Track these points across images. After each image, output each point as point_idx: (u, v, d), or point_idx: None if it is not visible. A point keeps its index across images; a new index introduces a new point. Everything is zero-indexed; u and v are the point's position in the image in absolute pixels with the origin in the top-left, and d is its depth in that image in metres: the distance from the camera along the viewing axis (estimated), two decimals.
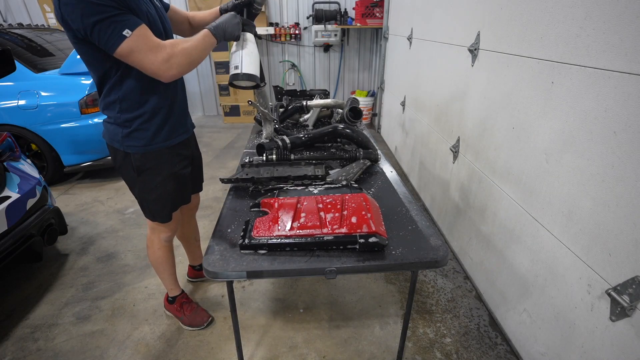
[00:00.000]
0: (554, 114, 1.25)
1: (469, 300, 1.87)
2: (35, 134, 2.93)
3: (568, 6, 1.17)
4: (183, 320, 1.72)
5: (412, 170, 3.10)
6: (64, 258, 2.25)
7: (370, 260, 1.06)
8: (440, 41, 2.35)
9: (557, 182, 1.25)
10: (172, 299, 1.74)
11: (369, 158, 1.72)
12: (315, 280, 2.00)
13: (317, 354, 1.58)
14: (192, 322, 1.71)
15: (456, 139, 2.10)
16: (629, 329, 0.98)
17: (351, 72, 5.35)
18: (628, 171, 0.97)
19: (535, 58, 1.35)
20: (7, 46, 3.00)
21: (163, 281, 1.70)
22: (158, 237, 1.53)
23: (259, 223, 1.15)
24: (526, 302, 1.45)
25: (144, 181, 1.34)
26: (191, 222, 1.85)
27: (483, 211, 1.79)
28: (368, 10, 4.46)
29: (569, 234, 1.20)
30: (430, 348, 1.60)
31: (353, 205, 1.18)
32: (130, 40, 1.01)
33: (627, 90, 0.96)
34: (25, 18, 5.10)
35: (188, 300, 1.76)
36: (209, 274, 1.04)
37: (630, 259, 0.97)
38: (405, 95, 3.31)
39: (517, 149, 1.49)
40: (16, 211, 1.77)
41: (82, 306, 1.87)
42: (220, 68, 4.76)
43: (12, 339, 1.67)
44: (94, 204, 2.94)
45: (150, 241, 1.56)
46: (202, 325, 1.70)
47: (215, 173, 3.45)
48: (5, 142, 2.03)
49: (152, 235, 1.54)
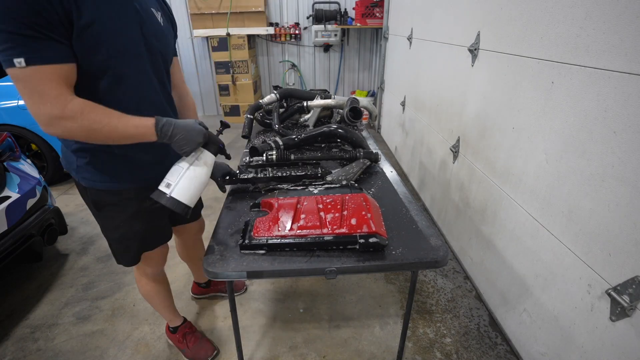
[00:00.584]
0: (554, 114, 1.25)
1: (469, 300, 1.87)
2: (35, 134, 2.93)
3: (568, 6, 1.17)
4: (185, 353, 1.55)
5: (412, 170, 3.10)
6: (64, 258, 2.25)
7: (370, 260, 1.06)
8: (440, 41, 2.35)
9: (557, 182, 1.25)
10: (173, 329, 1.58)
11: (369, 158, 1.72)
12: (315, 280, 2.00)
13: (317, 354, 1.58)
14: (195, 356, 1.53)
15: (456, 139, 2.10)
16: (629, 329, 0.98)
17: (351, 72, 5.35)
18: (628, 171, 0.97)
19: (535, 58, 1.35)
20: None
21: (160, 313, 1.54)
22: (144, 273, 1.36)
23: (259, 223, 1.15)
24: (526, 302, 1.45)
25: (104, 218, 1.14)
26: (196, 245, 1.68)
27: (483, 211, 1.79)
28: (368, 10, 4.46)
29: (569, 234, 1.20)
30: (430, 348, 1.60)
31: (353, 206, 1.18)
32: (18, 72, 0.78)
33: (627, 90, 0.96)
34: None
35: (192, 330, 1.59)
36: (209, 274, 1.04)
37: (630, 259, 0.97)
38: (405, 95, 3.31)
39: (517, 149, 1.49)
40: (16, 211, 1.77)
41: (82, 306, 1.87)
42: (220, 68, 4.76)
43: (12, 339, 1.67)
44: None
45: (137, 276, 1.39)
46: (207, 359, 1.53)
47: None
48: (5, 142, 2.03)
49: (136, 272, 1.37)
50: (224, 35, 4.57)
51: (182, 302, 1.87)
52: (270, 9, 4.93)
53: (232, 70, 4.73)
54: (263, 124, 2.21)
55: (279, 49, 5.21)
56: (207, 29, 4.56)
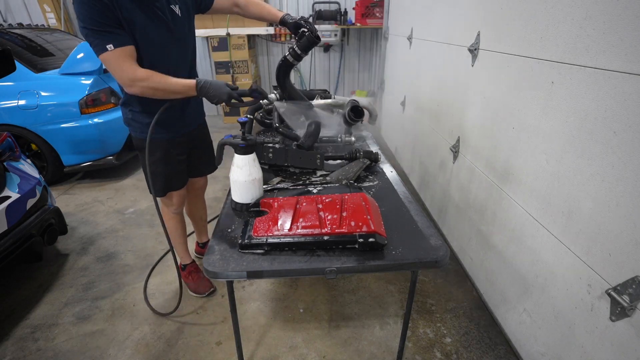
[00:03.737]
0: (554, 114, 1.25)
1: (469, 300, 1.87)
2: (35, 134, 2.93)
3: (568, 6, 1.17)
4: (190, 286, 1.95)
5: (412, 170, 3.10)
6: (64, 258, 2.25)
7: (370, 260, 1.06)
8: (440, 41, 2.35)
9: (557, 182, 1.25)
10: (184, 266, 1.97)
11: (368, 157, 1.72)
12: (315, 280, 2.00)
13: (317, 354, 1.58)
14: (196, 289, 1.94)
15: (456, 139, 2.10)
16: (629, 329, 0.98)
17: (351, 72, 5.34)
18: (628, 171, 0.97)
19: (535, 58, 1.35)
20: (7, 46, 3.00)
21: (176, 248, 1.88)
22: (167, 209, 1.78)
23: (258, 223, 1.15)
24: (526, 302, 1.45)
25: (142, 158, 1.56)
26: (197, 202, 2.05)
27: (483, 211, 1.79)
28: (368, 10, 4.46)
29: (569, 234, 1.20)
30: (430, 348, 1.60)
31: (352, 205, 1.18)
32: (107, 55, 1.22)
33: (627, 90, 0.96)
34: (25, 18, 5.10)
35: (196, 270, 1.99)
36: (209, 274, 1.04)
37: (630, 259, 0.97)
38: (405, 95, 3.31)
39: (517, 149, 1.49)
40: (16, 211, 1.77)
41: (82, 306, 1.87)
42: (220, 68, 4.76)
43: (12, 339, 1.67)
44: (94, 204, 2.94)
45: (163, 213, 1.76)
46: (205, 293, 1.92)
47: (215, 173, 3.45)
48: (5, 142, 2.03)
49: (163, 208, 1.79)
50: (224, 35, 4.57)
51: (183, 301, 1.87)
52: None
53: (232, 70, 4.73)
54: (263, 124, 2.21)
55: (279, 49, 5.21)
56: (207, 29, 4.56)
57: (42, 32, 3.62)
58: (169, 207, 1.77)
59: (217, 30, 4.55)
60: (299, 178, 1.59)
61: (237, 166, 1.24)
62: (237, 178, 1.24)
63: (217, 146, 1.35)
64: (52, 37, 3.61)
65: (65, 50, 3.47)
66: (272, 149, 1.58)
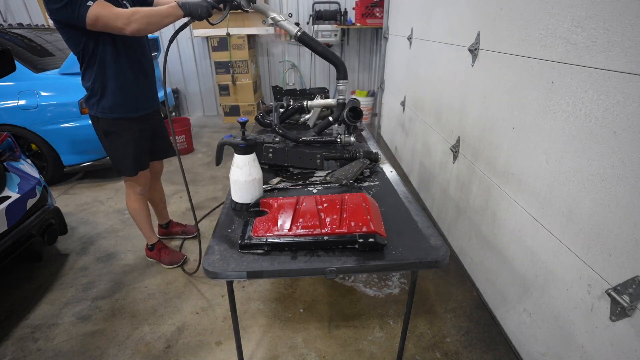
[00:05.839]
0: (554, 114, 1.25)
1: (469, 300, 1.87)
2: (35, 134, 2.93)
3: (568, 6, 1.17)
4: (163, 261, 2.11)
5: (412, 170, 3.10)
6: (64, 258, 2.25)
7: (370, 260, 1.06)
8: (441, 41, 2.35)
9: (557, 182, 1.25)
10: (151, 246, 2.12)
11: (368, 157, 1.72)
12: (315, 280, 2.00)
13: (317, 354, 1.58)
14: (171, 261, 2.11)
15: (456, 139, 2.10)
16: (629, 329, 0.98)
17: (351, 72, 5.34)
18: (628, 171, 0.97)
19: (535, 58, 1.35)
20: (7, 46, 3.00)
21: (142, 230, 2.07)
22: (133, 191, 1.91)
23: (258, 223, 1.15)
24: (526, 302, 1.45)
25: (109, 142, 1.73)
26: (156, 186, 2.20)
27: (483, 211, 1.79)
28: (368, 10, 4.46)
29: (569, 234, 1.20)
30: (430, 348, 1.60)
31: (352, 205, 1.18)
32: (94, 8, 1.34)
33: (627, 90, 0.96)
34: (25, 18, 5.10)
35: (164, 246, 2.16)
36: (209, 274, 1.04)
37: (630, 259, 0.97)
38: (405, 95, 3.31)
39: (517, 149, 1.49)
40: (16, 211, 1.77)
41: (82, 306, 1.87)
42: (220, 68, 4.75)
43: (12, 339, 1.67)
44: (94, 204, 2.94)
45: (127, 196, 1.95)
46: (180, 261, 2.11)
47: (215, 173, 3.46)
48: (5, 142, 2.03)
49: (128, 190, 1.93)
50: (224, 35, 4.57)
51: (183, 301, 1.88)
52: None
53: (232, 70, 4.73)
54: (263, 124, 2.21)
55: (279, 49, 5.21)
56: (207, 28, 4.55)
57: (42, 32, 3.62)
58: (134, 189, 1.91)
59: (217, 30, 4.55)
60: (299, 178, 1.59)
61: (237, 166, 1.24)
62: (237, 178, 1.24)
63: (217, 146, 1.35)
64: (52, 37, 3.61)
65: (65, 50, 3.47)
66: (272, 149, 1.58)
